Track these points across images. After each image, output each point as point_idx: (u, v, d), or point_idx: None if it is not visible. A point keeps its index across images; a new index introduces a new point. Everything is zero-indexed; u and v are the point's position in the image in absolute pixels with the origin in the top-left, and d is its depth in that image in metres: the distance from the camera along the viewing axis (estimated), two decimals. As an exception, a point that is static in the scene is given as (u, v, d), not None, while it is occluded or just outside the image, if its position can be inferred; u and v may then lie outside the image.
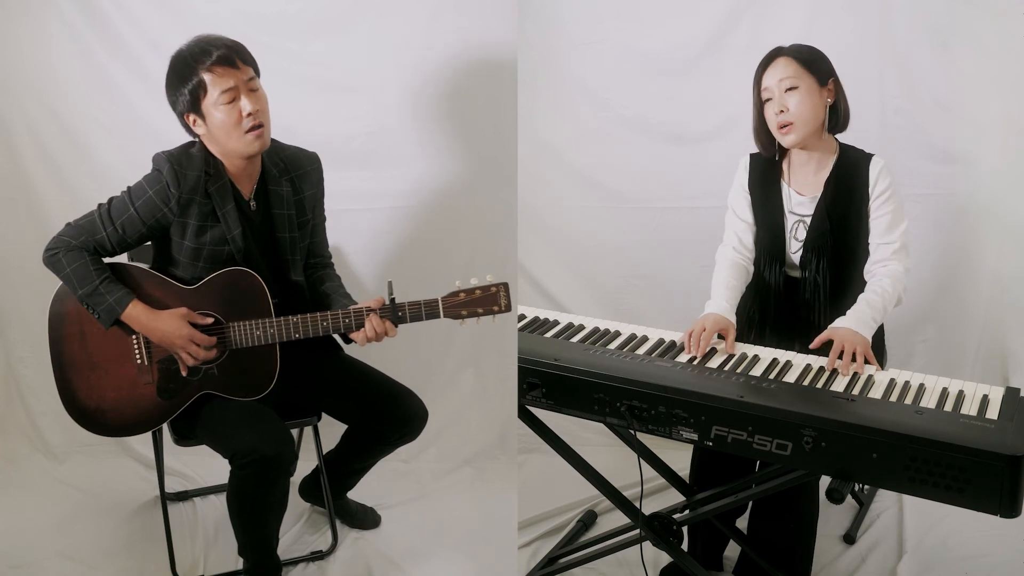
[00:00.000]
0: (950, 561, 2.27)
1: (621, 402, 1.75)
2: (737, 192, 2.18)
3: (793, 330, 2.08)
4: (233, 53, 1.97)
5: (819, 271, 2.07)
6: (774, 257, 2.13)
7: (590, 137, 2.91)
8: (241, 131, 1.98)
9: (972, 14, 2.55)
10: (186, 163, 2.00)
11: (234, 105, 1.97)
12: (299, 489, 2.53)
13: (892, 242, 2.01)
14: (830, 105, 2.03)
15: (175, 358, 2.04)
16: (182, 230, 2.02)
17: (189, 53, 1.98)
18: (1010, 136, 2.61)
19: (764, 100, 2.04)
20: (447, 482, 2.78)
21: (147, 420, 2.09)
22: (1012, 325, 2.71)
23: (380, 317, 2.02)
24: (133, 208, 2.00)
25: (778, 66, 2.01)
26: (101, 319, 2.00)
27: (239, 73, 1.97)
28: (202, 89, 1.96)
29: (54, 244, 2.01)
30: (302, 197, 2.16)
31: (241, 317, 2.03)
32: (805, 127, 2.00)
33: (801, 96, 1.99)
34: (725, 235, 2.20)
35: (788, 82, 1.99)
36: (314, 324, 2.02)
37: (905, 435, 1.50)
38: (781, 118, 2.00)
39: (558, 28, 2.85)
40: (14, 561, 2.30)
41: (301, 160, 2.18)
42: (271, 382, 2.08)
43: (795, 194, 2.10)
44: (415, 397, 2.23)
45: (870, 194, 2.02)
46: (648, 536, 1.98)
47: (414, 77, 2.72)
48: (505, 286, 2.04)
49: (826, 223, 2.04)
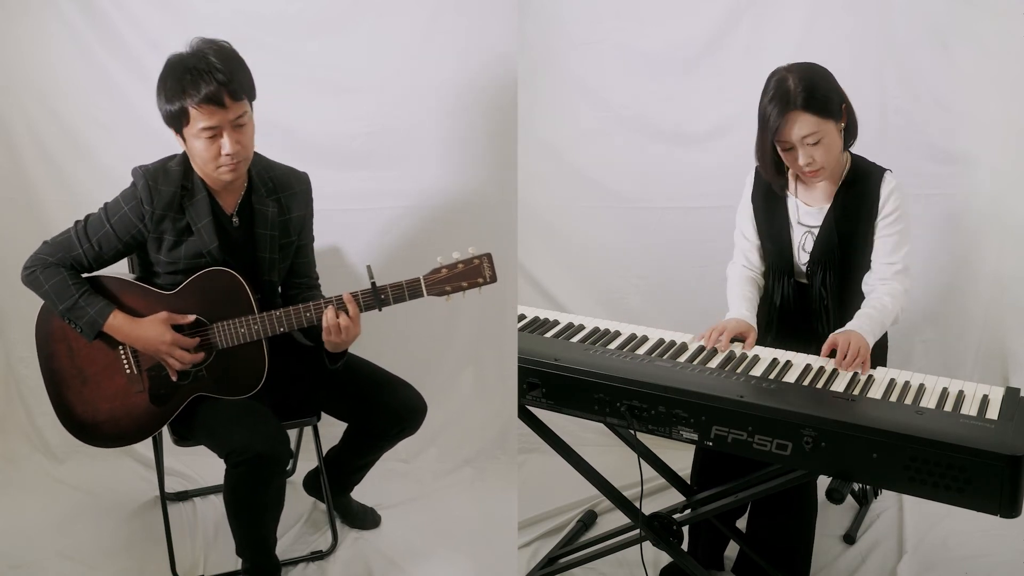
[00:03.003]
0: (950, 561, 2.27)
1: (621, 402, 1.75)
2: (743, 209, 2.18)
3: (801, 339, 2.07)
4: (223, 90, 1.87)
5: (824, 283, 2.07)
6: (782, 271, 2.13)
7: (590, 137, 2.91)
8: (216, 164, 1.95)
9: (972, 14, 2.55)
10: (161, 179, 1.99)
11: (214, 140, 1.92)
12: (303, 483, 2.52)
13: (895, 263, 2.00)
14: (843, 127, 1.98)
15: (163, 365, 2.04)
16: (157, 245, 2.02)
17: (181, 72, 1.89)
18: (1010, 136, 2.61)
19: (784, 149, 1.97)
20: (447, 482, 2.78)
21: (144, 428, 2.09)
22: (1012, 325, 2.71)
23: (363, 302, 1.99)
24: (109, 225, 2.00)
25: (797, 125, 1.91)
26: (84, 332, 2.00)
27: (226, 113, 1.89)
28: (185, 117, 1.91)
29: (31, 263, 2.02)
30: (288, 218, 2.13)
31: (224, 317, 2.02)
32: (832, 164, 1.98)
33: (827, 145, 1.93)
34: (735, 252, 2.21)
35: (812, 139, 1.91)
36: (297, 316, 2.00)
37: (905, 435, 1.50)
38: (810, 168, 1.95)
39: (558, 28, 2.85)
40: (14, 561, 2.30)
41: (291, 180, 2.15)
42: (261, 379, 2.07)
43: (802, 205, 2.09)
44: (413, 389, 2.22)
45: (879, 211, 2.00)
46: (648, 536, 1.98)
47: (414, 77, 2.71)
48: (488, 257, 1.99)
49: (834, 236, 2.04)
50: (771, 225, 2.13)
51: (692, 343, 1.97)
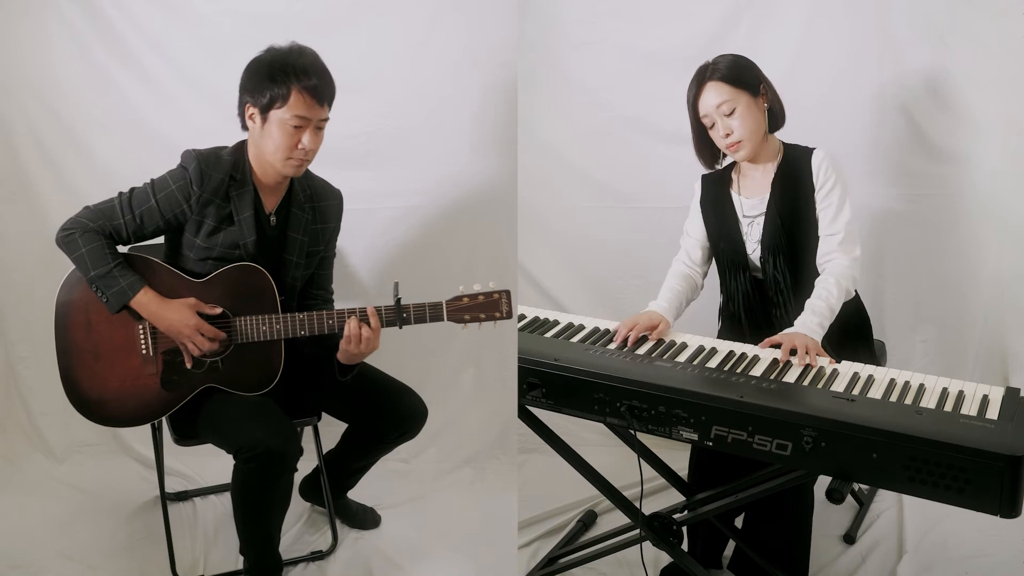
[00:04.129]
0: (950, 561, 2.27)
1: (621, 402, 1.75)
2: (692, 215, 2.26)
3: (763, 331, 2.09)
4: (325, 92, 1.99)
5: (777, 268, 2.10)
6: (737, 265, 2.17)
7: (590, 137, 2.91)
8: (288, 155, 2.00)
9: (972, 14, 2.55)
10: (213, 164, 2.02)
11: (297, 132, 1.98)
12: (299, 489, 2.53)
13: (836, 233, 2.04)
14: (767, 109, 2.08)
15: (180, 350, 2.04)
16: (197, 228, 2.03)
17: (293, 60, 1.97)
18: (1010, 136, 2.60)
19: (708, 126, 2.09)
20: (447, 482, 2.78)
21: (149, 412, 2.08)
22: (1012, 325, 2.71)
23: (384, 317, 2.04)
24: (154, 200, 2.01)
25: (710, 93, 2.05)
26: (109, 303, 1.99)
27: (319, 111, 1.99)
28: (282, 99, 1.96)
29: (71, 224, 2.01)
30: (319, 228, 2.18)
31: (248, 312, 2.05)
32: (753, 140, 2.07)
33: (741, 115, 2.04)
34: (680, 251, 2.28)
35: (726, 107, 2.04)
36: (320, 321, 2.04)
37: (905, 435, 1.50)
38: (729, 140, 2.06)
39: (558, 28, 2.85)
40: (14, 561, 2.30)
41: (326, 193, 2.22)
42: (275, 378, 2.09)
43: (745, 200, 2.15)
44: (415, 395, 2.23)
45: (815, 186, 2.06)
46: (648, 536, 1.98)
47: (414, 77, 2.72)
48: (507, 293, 2.07)
49: (777, 220, 2.09)
50: (720, 224, 2.19)
51: (692, 343, 1.97)
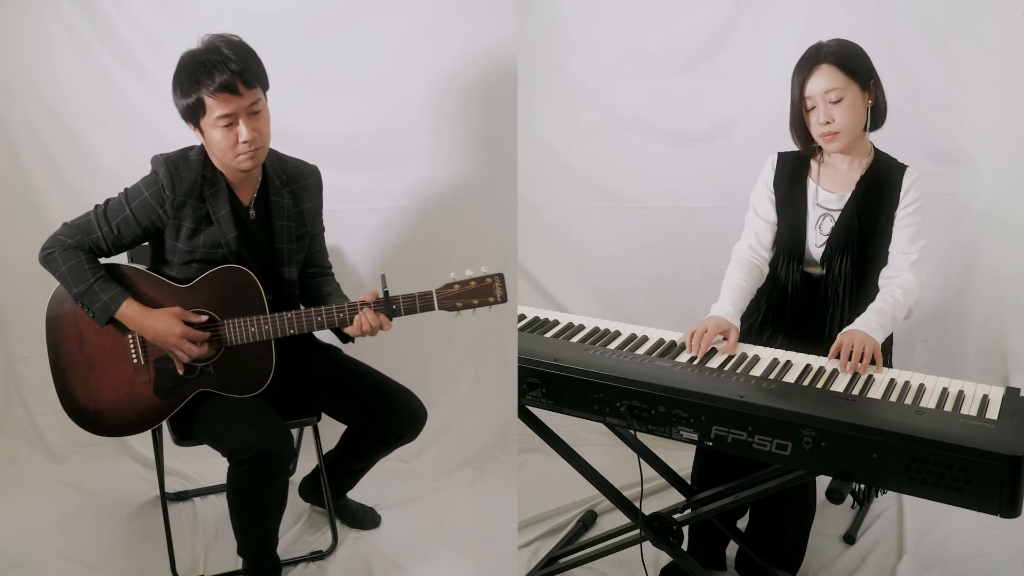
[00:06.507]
0: (950, 561, 2.27)
1: (621, 402, 1.75)
2: (760, 190, 2.16)
3: (808, 331, 2.07)
4: (237, 78, 1.92)
5: (841, 270, 2.05)
6: (793, 254, 2.11)
7: (590, 137, 2.90)
8: (235, 152, 1.98)
9: (972, 14, 2.55)
10: (183, 166, 2.01)
11: (231, 129, 1.96)
12: (299, 489, 2.53)
13: (911, 253, 2.00)
14: (871, 106, 2.00)
15: (171, 357, 2.04)
16: (176, 232, 2.03)
17: (194, 66, 1.94)
18: (1010, 136, 2.61)
19: (808, 108, 2.00)
20: (447, 482, 2.78)
21: (145, 419, 2.09)
22: (1012, 325, 2.71)
23: (374, 310, 2.02)
24: (129, 209, 2.01)
25: (822, 76, 1.95)
26: (96, 317, 2.01)
27: (241, 100, 1.94)
28: (201, 108, 1.95)
29: (50, 243, 2.03)
30: (302, 209, 2.17)
31: (235, 314, 2.04)
32: (850, 135, 1.99)
33: (847, 107, 1.95)
34: (744, 232, 2.18)
35: (834, 94, 1.94)
36: (308, 319, 2.03)
37: (905, 435, 1.50)
38: (827, 128, 1.97)
39: (558, 28, 2.85)
40: (14, 561, 2.30)
41: (303, 172, 2.19)
42: (267, 379, 2.08)
43: (823, 191, 2.08)
44: (414, 397, 2.23)
45: (900, 201, 2.01)
46: (648, 536, 1.98)
47: (414, 77, 2.72)
48: (500, 277, 2.03)
49: (855, 221, 2.03)
50: (788, 205, 2.11)
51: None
